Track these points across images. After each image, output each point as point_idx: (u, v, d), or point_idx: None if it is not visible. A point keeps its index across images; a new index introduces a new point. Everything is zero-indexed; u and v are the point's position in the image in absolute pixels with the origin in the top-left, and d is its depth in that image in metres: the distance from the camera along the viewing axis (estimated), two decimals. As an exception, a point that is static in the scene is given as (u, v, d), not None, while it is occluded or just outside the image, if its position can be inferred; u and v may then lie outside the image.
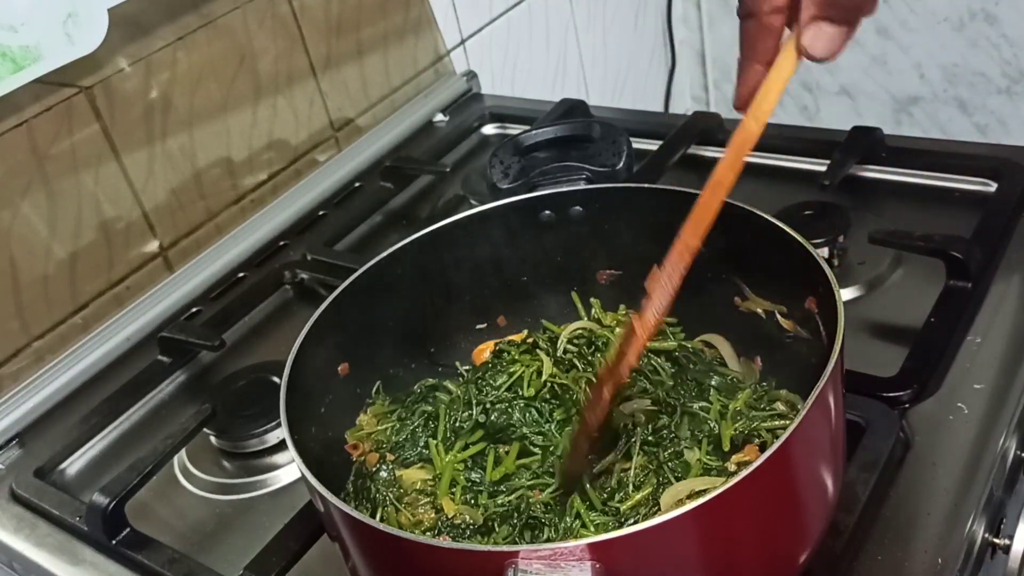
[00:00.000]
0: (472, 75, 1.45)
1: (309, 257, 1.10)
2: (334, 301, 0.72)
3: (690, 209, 0.59)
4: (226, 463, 0.89)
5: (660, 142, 1.13)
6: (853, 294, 0.90)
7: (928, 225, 0.90)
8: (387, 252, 0.76)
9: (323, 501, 0.58)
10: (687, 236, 0.60)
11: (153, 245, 1.10)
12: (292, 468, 0.86)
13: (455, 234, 0.78)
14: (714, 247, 0.61)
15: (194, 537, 0.81)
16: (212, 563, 0.77)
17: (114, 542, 0.79)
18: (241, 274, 1.12)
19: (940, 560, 0.65)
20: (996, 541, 0.72)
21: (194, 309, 1.07)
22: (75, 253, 1.02)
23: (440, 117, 1.38)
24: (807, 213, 0.96)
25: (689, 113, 1.20)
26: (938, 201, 1.01)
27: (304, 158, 1.26)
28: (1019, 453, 0.76)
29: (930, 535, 0.67)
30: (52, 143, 0.98)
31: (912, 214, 0.99)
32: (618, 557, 0.50)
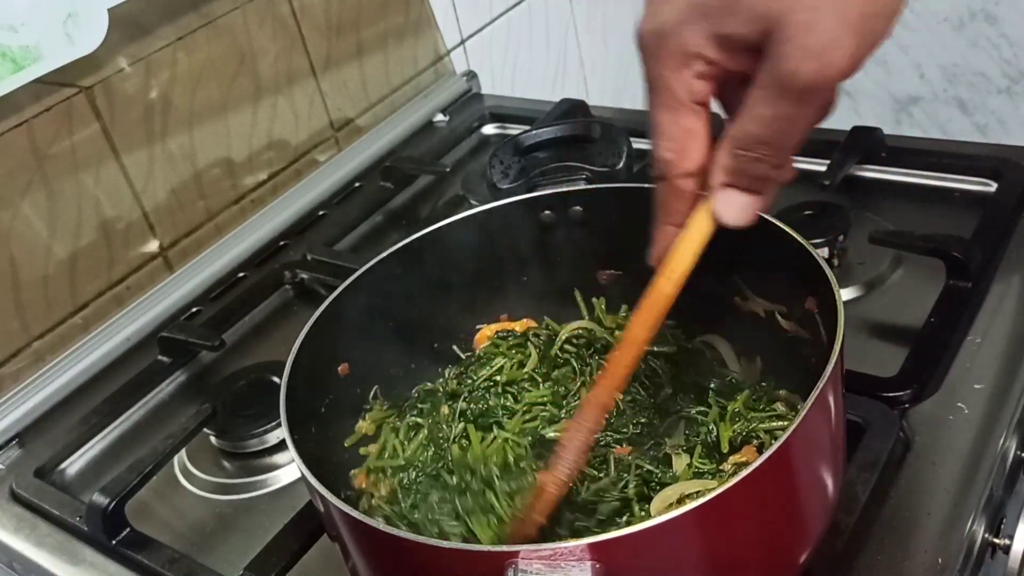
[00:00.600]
0: (472, 75, 1.45)
1: (309, 257, 1.10)
2: (334, 301, 0.72)
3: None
4: (226, 463, 0.89)
5: (660, 142, 1.13)
6: (853, 294, 0.90)
7: (928, 225, 0.90)
8: (387, 252, 0.76)
9: (323, 501, 0.58)
10: (598, 390, 0.61)
11: (153, 245, 1.10)
12: (292, 468, 0.86)
13: (455, 234, 0.77)
14: (714, 247, 0.60)
15: (194, 537, 0.81)
16: (212, 563, 0.77)
17: (114, 542, 0.79)
18: (241, 274, 1.12)
19: (940, 560, 0.65)
20: (996, 541, 0.72)
21: (194, 309, 1.07)
22: (75, 253, 1.02)
23: (440, 117, 1.38)
24: (807, 213, 0.96)
25: (689, 113, 1.20)
26: (938, 201, 1.01)
27: (304, 158, 1.26)
28: (1019, 453, 0.76)
29: (930, 535, 0.67)
30: (52, 143, 0.98)
31: (912, 214, 0.99)
32: (618, 557, 0.50)
